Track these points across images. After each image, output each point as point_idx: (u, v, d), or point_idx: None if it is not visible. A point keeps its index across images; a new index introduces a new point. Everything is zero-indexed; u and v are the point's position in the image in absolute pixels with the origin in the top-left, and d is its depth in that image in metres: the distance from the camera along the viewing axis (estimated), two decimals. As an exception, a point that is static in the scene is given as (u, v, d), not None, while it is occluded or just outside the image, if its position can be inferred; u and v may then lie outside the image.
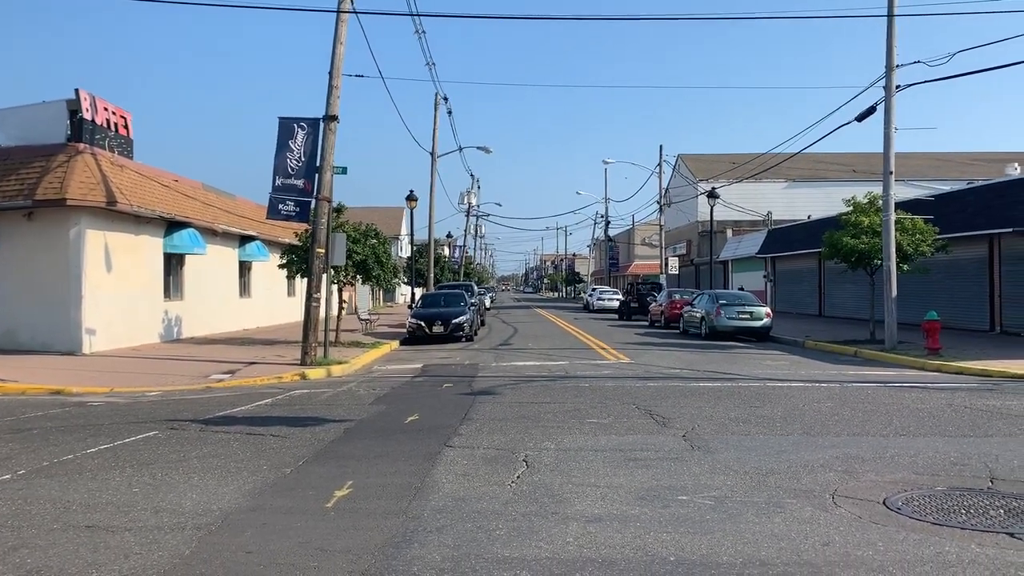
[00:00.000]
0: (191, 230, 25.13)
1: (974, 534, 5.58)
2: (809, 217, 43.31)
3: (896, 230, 20.57)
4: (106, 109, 23.10)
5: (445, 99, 41.56)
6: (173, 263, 25.40)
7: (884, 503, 6.37)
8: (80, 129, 21.69)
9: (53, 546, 5.52)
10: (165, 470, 7.85)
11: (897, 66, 19.92)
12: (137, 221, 22.68)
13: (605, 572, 4.90)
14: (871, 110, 20.72)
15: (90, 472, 7.81)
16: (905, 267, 21.30)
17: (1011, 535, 5.55)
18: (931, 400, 12.08)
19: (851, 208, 23.00)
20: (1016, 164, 46.29)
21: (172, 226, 24.49)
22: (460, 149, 47.68)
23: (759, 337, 25.51)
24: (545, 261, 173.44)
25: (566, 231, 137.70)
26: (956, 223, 25.15)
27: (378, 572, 4.95)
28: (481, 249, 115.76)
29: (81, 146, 21.02)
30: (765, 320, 25.57)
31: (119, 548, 5.46)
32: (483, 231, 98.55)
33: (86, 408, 12.52)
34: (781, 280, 44.55)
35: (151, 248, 23.72)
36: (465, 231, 72.62)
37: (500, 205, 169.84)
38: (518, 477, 7.36)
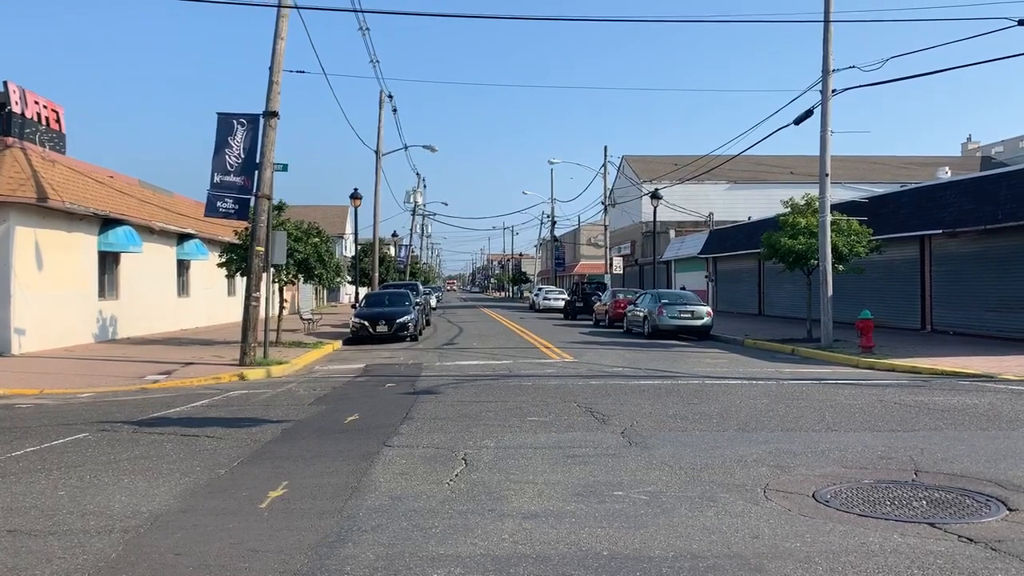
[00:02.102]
0: (127, 228, 24.53)
1: (897, 524, 5.75)
2: (749, 218, 44.12)
3: (832, 231, 21.08)
4: (37, 103, 22.40)
5: (390, 97, 41.40)
6: (108, 261, 24.75)
7: (813, 496, 6.52)
8: (8, 123, 20.97)
9: (-29, 552, 5.33)
10: (94, 472, 7.65)
11: (833, 70, 20.41)
12: (70, 218, 22.04)
13: (539, 568, 4.92)
14: (808, 113, 21.20)
15: (14, 475, 7.56)
16: (841, 267, 21.84)
17: (932, 525, 5.73)
18: (863, 396, 12.41)
19: (789, 209, 23.51)
20: (947, 168, 48.00)
21: (107, 224, 23.87)
22: (405, 148, 47.53)
23: (700, 336, 25.91)
24: (492, 261, 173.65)
25: (513, 231, 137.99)
26: (890, 224, 25.90)
27: (310, 572, 4.90)
28: (427, 248, 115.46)
29: (10, 140, 20.36)
30: (706, 319, 25.98)
31: (41, 552, 5.30)
32: (429, 230, 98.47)
33: (13, 410, 12.12)
34: (722, 280, 45.30)
35: (85, 246, 23.08)
36: (411, 230, 72.31)
37: (447, 204, 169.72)
38: (456, 475, 7.35)
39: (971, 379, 14.81)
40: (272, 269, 20.54)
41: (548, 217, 78.42)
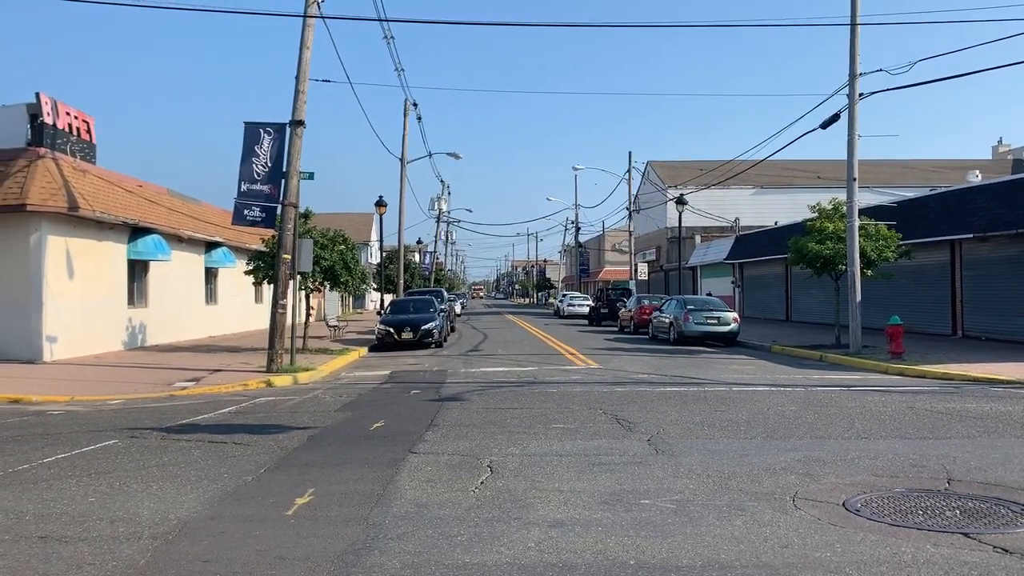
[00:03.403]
0: (155, 236, 24.82)
1: (930, 534, 5.65)
2: (776, 223, 43.76)
3: (860, 236, 20.84)
4: (68, 113, 22.75)
5: (415, 105, 41.49)
6: (137, 270, 25.06)
7: (843, 505, 6.43)
8: (41, 133, 21.32)
9: (3, 557, 5.41)
10: (123, 479, 7.72)
11: (860, 74, 20.21)
12: (100, 227, 22.35)
13: (565, 577, 4.88)
14: (835, 117, 20.99)
15: (45, 482, 7.66)
16: (869, 272, 21.57)
17: (966, 535, 5.62)
18: (893, 403, 12.24)
19: (816, 214, 23.27)
20: (977, 171, 47.34)
21: (136, 232, 24.18)
22: (430, 155, 47.65)
23: (727, 342, 25.70)
24: (516, 267, 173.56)
25: (537, 237, 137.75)
26: (919, 229, 25.56)
27: (336, 580, 4.90)
28: (452, 255, 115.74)
29: (42, 151, 20.68)
30: (733, 325, 25.76)
31: (72, 559, 5.36)
32: (454, 237, 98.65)
33: (45, 417, 12.29)
34: (749, 286, 44.95)
35: (114, 255, 23.38)
36: (435, 237, 72.50)
37: (471, 211, 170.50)
38: (482, 483, 7.34)
39: (1004, 386, 14.56)
40: (299, 276, 20.68)
41: (572, 223, 78.38)
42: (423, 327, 25.81)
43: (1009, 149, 65.46)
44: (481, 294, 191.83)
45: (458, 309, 51.27)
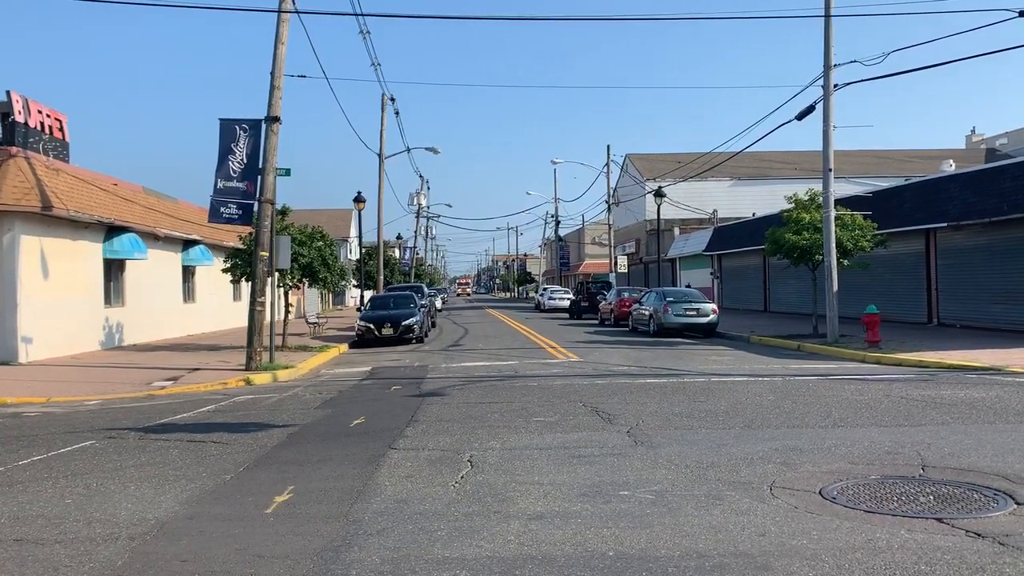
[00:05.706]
0: (131, 235, 24.59)
1: (904, 520, 5.72)
2: (754, 215, 44.00)
3: (836, 226, 21.01)
4: (40, 111, 22.46)
5: (392, 100, 41.34)
6: (113, 269, 24.82)
7: (820, 493, 6.50)
8: (12, 132, 21.05)
9: (-22, 561, 5.35)
10: (100, 480, 7.66)
11: (835, 65, 20.35)
12: (75, 226, 22.10)
13: (545, 569, 4.91)
14: (810, 109, 21.12)
15: (21, 484, 7.59)
16: (846, 262, 21.76)
17: (939, 520, 5.70)
18: (869, 391, 12.37)
19: (793, 205, 23.43)
20: (951, 160, 47.79)
21: (112, 231, 23.94)
22: (408, 150, 47.46)
23: (706, 333, 25.85)
24: (497, 261, 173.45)
25: (517, 231, 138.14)
26: (894, 218, 25.80)
27: (316, 577, 4.90)
28: (432, 250, 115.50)
29: (14, 149, 20.42)
30: (711, 316, 25.92)
31: (48, 561, 5.31)
32: (434, 232, 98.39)
33: (20, 419, 12.17)
34: (727, 277, 45.21)
35: (90, 254, 23.14)
36: (415, 232, 72.37)
37: (451, 206, 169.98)
38: (462, 477, 7.35)
39: (978, 372, 14.75)
40: (277, 274, 20.57)
41: (552, 217, 78.45)
42: (403, 323, 25.76)
43: (982, 138, 66.17)
44: (468, 290, 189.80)
45: (439, 304, 51.18)
